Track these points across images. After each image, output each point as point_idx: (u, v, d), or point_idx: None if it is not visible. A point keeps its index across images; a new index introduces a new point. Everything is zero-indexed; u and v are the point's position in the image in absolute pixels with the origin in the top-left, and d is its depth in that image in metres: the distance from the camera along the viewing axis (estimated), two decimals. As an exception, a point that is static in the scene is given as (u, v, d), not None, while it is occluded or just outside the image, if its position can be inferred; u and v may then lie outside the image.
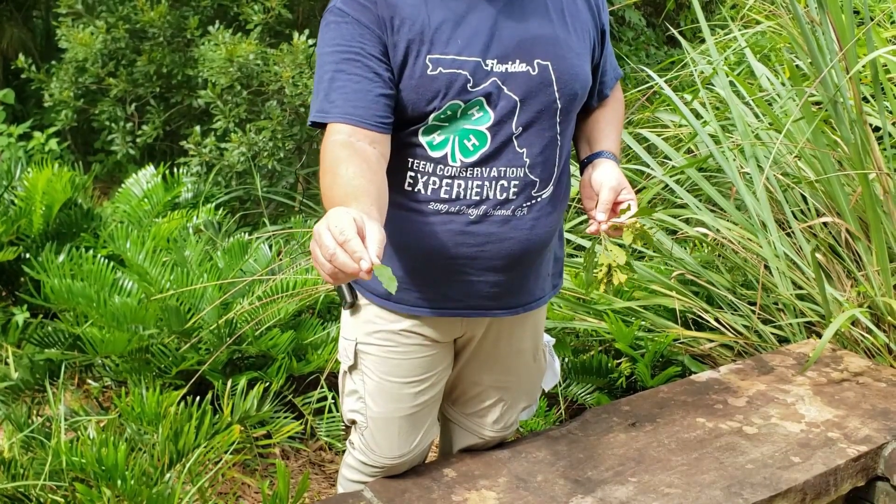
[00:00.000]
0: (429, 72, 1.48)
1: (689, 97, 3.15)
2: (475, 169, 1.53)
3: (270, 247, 3.28)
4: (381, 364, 1.71)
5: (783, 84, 3.15)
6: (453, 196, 1.54)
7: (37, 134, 4.41)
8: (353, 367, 1.75)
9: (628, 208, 1.60)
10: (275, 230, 3.60)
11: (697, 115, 3.16)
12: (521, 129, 1.54)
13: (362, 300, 1.70)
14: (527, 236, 1.60)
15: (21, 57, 4.14)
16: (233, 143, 3.60)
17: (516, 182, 1.56)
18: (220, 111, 3.67)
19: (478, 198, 1.55)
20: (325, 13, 1.54)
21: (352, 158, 1.38)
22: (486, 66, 1.49)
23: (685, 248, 3.21)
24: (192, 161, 3.72)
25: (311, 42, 3.63)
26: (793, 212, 2.98)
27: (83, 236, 3.27)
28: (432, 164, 1.54)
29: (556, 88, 1.54)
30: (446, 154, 1.53)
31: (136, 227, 3.33)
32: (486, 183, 1.54)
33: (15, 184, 3.50)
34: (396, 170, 1.55)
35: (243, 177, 3.77)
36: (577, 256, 3.27)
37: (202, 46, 3.70)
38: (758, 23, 3.30)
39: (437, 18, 1.49)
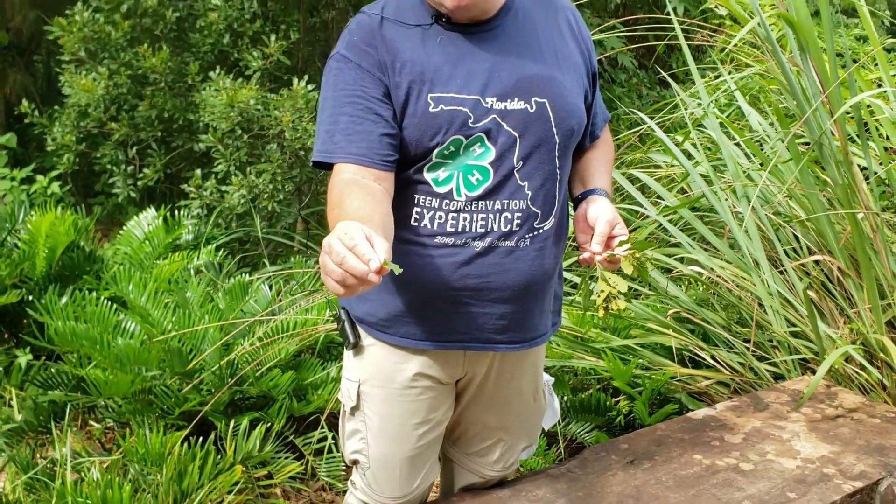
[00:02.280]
0: (430, 109, 1.54)
1: (680, 138, 3.22)
2: (480, 202, 1.59)
3: (270, 287, 3.32)
4: (383, 405, 1.74)
5: (772, 125, 3.23)
6: (459, 229, 1.60)
7: (39, 177, 4.46)
8: (355, 408, 1.78)
9: (627, 240, 1.65)
10: (275, 270, 3.64)
11: (689, 156, 3.23)
12: (521, 162, 1.60)
13: (365, 340, 1.73)
14: (530, 267, 1.65)
15: (24, 102, 4.20)
16: (233, 186, 3.66)
17: (519, 214, 1.61)
18: (221, 155, 3.74)
19: (483, 230, 1.60)
20: (329, 60, 1.61)
21: (357, 192, 1.44)
22: (486, 103, 1.56)
23: (680, 287, 3.26)
24: (192, 204, 3.77)
25: (310, 87, 3.71)
26: (785, 250, 3.04)
27: (86, 278, 3.31)
28: (438, 200, 1.59)
29: (553, 124, 1.61)
30: (451, 189, 1.58)
31: (138, 269, 3.37)
32: (491, 215, 1.60)
33: (18, 227, 3.55)
34: (402, 207, 1.60)
35: (243, 218, 3.83)
36: (572, 294, 3.31)
37: (203, 92, 3.77)
38: (747, 66, 3.39)
39: (436, 60, 1.56)
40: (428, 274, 1.62)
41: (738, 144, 3.18)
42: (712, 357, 2.96)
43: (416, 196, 1.60)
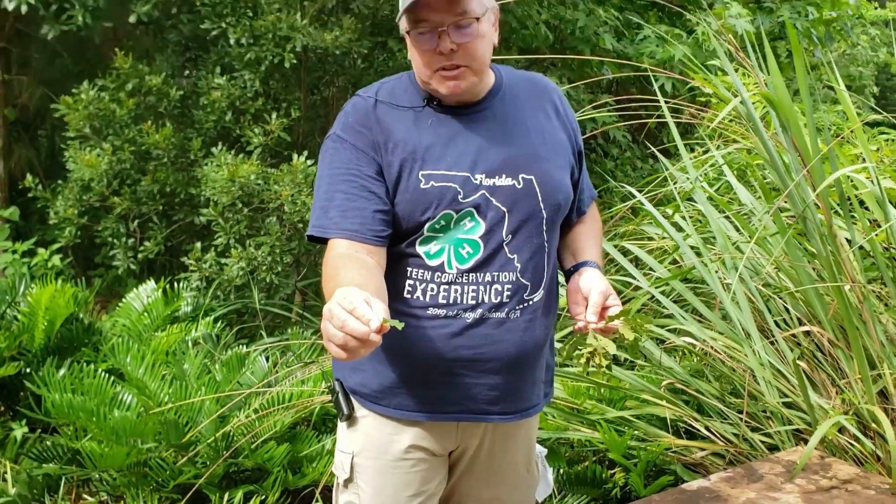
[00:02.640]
0: (422, 186, 1.62)
1: (670, 211, 3.29)
2: (470, 275, 1.64)
3: (267, 359, 3.35)
4: (377, 478, 1.75)
5: (759, 199, 3.30)
6: (451, 301, 1.64)
7: (41, 250, 4.52)
8: (348, 481, 1.79)
9: (622, 312, 1.68)
10: (272, 342, 3.67)
11: (680, 229, 3.30)
12: (510, 236, 1.66)
13: (359, 412, 1.76)
14: (521, 338, 1.68)
15: (28, 177, 4.29)
16: (233, 259, 3.72)
17: (509, 286, 1.66)
18: (222, 228, 3.81)
19: (474, 302, 1.65)
20: (326, 139, 1.69)
21: (351, 265, 1.51)
22: (475, 179, 1.63)
23: (674, 358, 3.28)
24: (192, 276, 3.82)
25: (309, 162, 3.80)
26: (776, 321, 3.08)
27: (84, 350, 3.33)
28: (430, 272, 1.64)
29: (540, 199, 1.67)
30: (443, 262, 1.64)
31: (137, 341, 3.40)
32: (481, 287, 1.65)
33: (18, 299, 3.58)
34: (396, 279, 1.66)
35: (242, 290, 3.87)
36: (567, 366, 3.34)
37: (205, 167, 3.86)
38: (734, 141, 3.49)
39: (428, 140, 1.64)
40: (421, 345, 1.66)
41: (727, 217, 3.25)
42: (706, 428, 2.97)
43: (409, 269, 1.65)
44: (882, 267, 2.74)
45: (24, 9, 3.99)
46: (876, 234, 2.64)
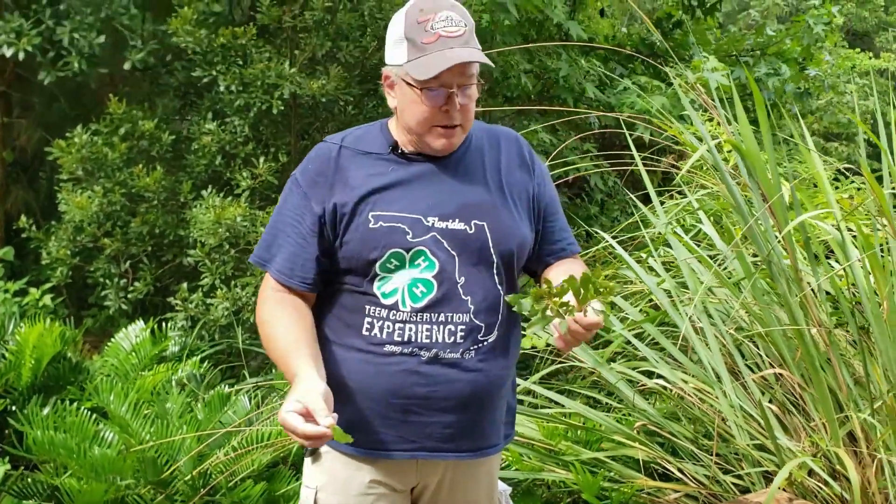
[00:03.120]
0: (370, 226, 1.73)
1: (645, 256, 3.37)
2: (424, 314, 1.72)
3: (250, 399, 3.40)
4: (339, 513, 1.81)
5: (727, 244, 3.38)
6: (405, 339, 1.72)
7: (32, 290, 4.59)
8: (313, 515, 1.85)
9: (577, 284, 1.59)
10: (256, 381, 3.72)
11: (657, 273, 3.37)
12: (463, 278, 1.74)
13: (322, 448, 1.82)
14: (475, 378, 1.75)
15: (23, 217, 4.39)
16: (218, 299, 3.79)
17: (462, 327, 1.74)
18: (208, 269, 3.88)
19: (428, 340, 1.72)
20: (292, 174, 1.83)
21: (284, 312, 1.73)
22: (427, 221, 1.73)
23: (651, 402, 3.33)
24: (178, 316, 3.89)
25: (295, 205, 3.88)
26: (748, 364, 3.13)
27: (70, 389, 3.39)
28: (386, 311, 1.73)
29: (491, 245, 1.76)
30: (397, 301, 1.73)
31: (122, 380, 3.45)
32: (435, 327, 1.72)
33: (7, 338, 3.65)
34: (356, 317, 1.75)
35: (227, 330, 3.93)
36: (546, 408, 3.38)
37: (195, 209, 3.96)
38: (704, 187, 3.59)
39: (384, 185, 1.75)
40: (380, 380, 1.73)
41: (699, 261, 3.32)
42: (679, 470, 3.01)
43: (367, 307, 1.74)
44: (845, 310, 2.80)
45: (21, 55, 4.12)
46: (838, 277, 2.71)
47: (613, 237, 3.54)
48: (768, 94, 5.23)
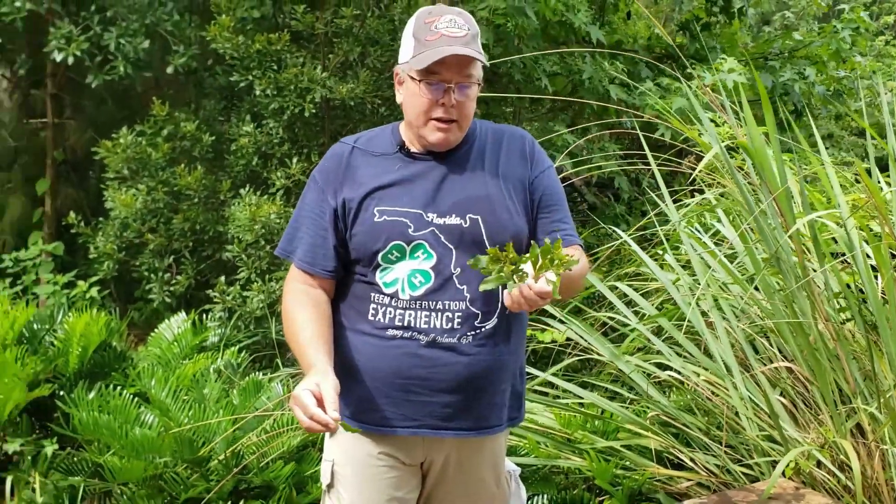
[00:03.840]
0: (375, 220, 1.88)
1: (661, 253, 3.48)
2: (422, 301, 1.88)
3: (283, 386, 3.57)
4: (353, 483, 1.96)
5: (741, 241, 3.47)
6: (405, 324, 1.88)
7: (80, 282, 4.84)
8: (330, 486, 2.00)
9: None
10: (289, 371, 3.90)
11: (673, 269, 3.47)
12: (459, 269, 1.88)
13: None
14: (471, 362, 1.89)
15: (72, 214, 4.63)
16: (254, 292, 3.99)
17: (459, 314, 1.88)
18: (244, 263, 4.08)
19: (426, 326, 1.87)
20: (310, 175, 2.01)
21: (306, 305, 1.89)
22: (427, 217, 1.88)
23: (665, 393, 3.43)
24: (216, 307, 4.09)
25: (327, 203, 4.07)
26: (760, 359, 3.22)
27: (114, 375, 3.60)
28: (388, 298, 1.89)
29: (485, 237, 1.89)
30: (397, 290, 1.89)
31: (164, 368, 3.65)
32: (433, 314, 1.87)
33: (56, 327, 3.88)
34: (362, 304, 1.92)
35: (262, 322, 4.13)
36: (565, 397, 3.50)
37: (233, 207, 4.16)
38: (720, 185, 3.67)
39: (389, 182, 1.91)
40: (383, 362, 1.89)
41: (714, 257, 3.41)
42: (691, 459, 3.11)
43: (372, 294, 1.91)
44: (852, 306, 2.88)
45: (70, 60, 4.36)
46: (843, 273, 2.79)
47: (635, 235, 3.65)
48: (796, 97, 5.27)
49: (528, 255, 1.67)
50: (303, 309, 1.88)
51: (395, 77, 1.95)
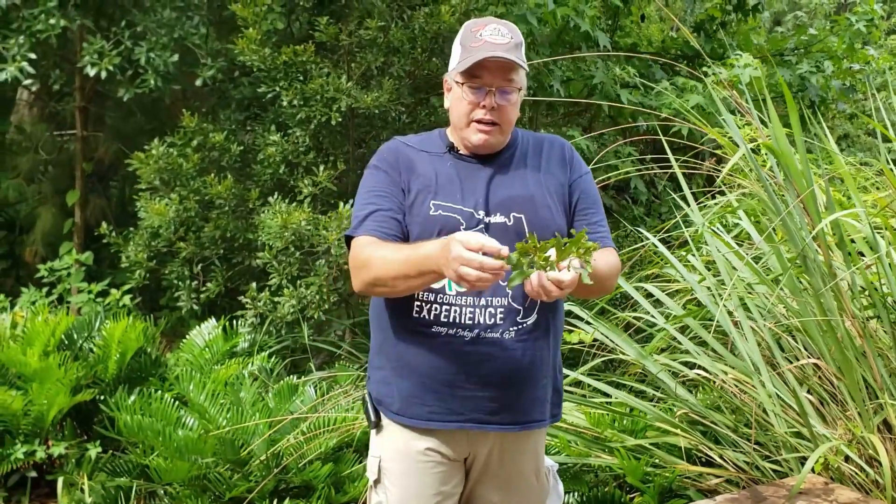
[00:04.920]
0: (431, 213, 1.96)
1: (685, 254, 3.54)
2: (467, 297, 1.95)
3: (316, 390, 3.66)
4: (400, 478, 2.03)
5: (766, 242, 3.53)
6: (450, 320, 1.95)
7: (113, 291, 4.94)
8: (377, 482, 2.08)
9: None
10: (320, 375, 3.99)
11: (696, 270, 3.54)
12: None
13: (384, 421, 2.05)
14: (515, 356, 1.96)
15: (104, 224, 4.73)
16: (285, 298, 4.07)
17: (501, 309, 1.96)
18: (275, 270, 4.17)
19: (470, 322, 1.94)
20: (367, 167, 2.08)
21: (382, 245, 1.90)
22: (478, 215, 1.97)
23: (693, 392, 3.49)
24: (247, 314, 4.18)
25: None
26: (787, 357, 3.28)
27: (151, 380, 3.69)
28: (434, 294, 1.96)
29: (527, 234, 1.95)
30: (444, 285, 1.95)
31: (199, 372, 3.75)
32: (477, 310, 1.95)
33: (94, 334, 3.97)
34: (407, 300, 1.97)
35: (293, 327, 4.21)
36: (594, 397, 3.57)
37: (262, 215, 4.24)
38: (741, 187, 3.74)
39: (443, 178, 2.00)
40: (430, 359, 1.96)
41: (738, 257, 3.47)
42: (721, 456, 3.17)
43: (418, 291, 1.96)
44: (878, 303, 2.93)
45: (103, 74, 4.47)
46: (865, 267, 2.85)
47: (658, 237, 3.71)
48: (814, 91, 5.31)
49: (549, 241, 1.68)
50: (385, 245, 1.89)
51: (444, 84, 2.05)
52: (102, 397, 3.55)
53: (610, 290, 2.20)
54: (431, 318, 1.96)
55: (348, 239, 2.00)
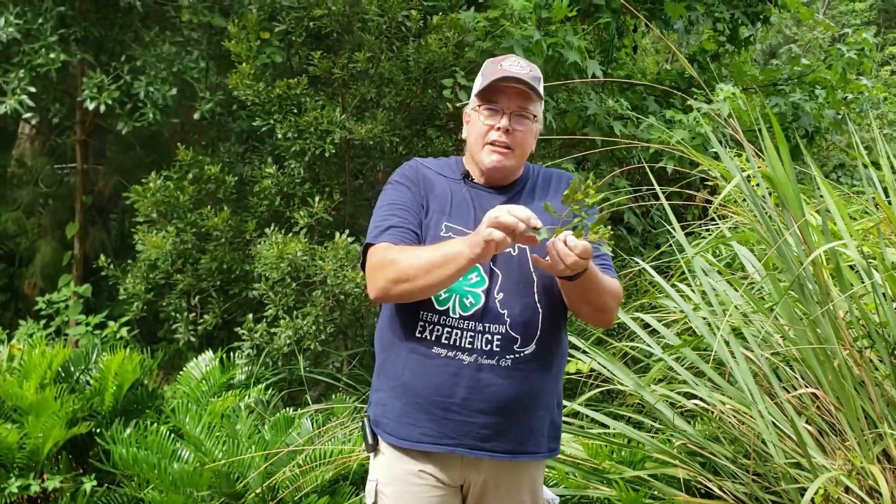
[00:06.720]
0: (441, 234, 2.01)
1: (679, 284, 3.55)
2: (469, 322, 1.97)
3: (312, 422, 3.64)
4: (396, 501, 2.03)
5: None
6: (451, 343, 1.97)
7: (110, 323, 4.94)
8: (373, 505, 2.07)
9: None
10: (317, 407, 3.97)
11: (690, 300, 3.54)
12: (501, 294, 1.99)
13: (381, 445, 2.06)
14: (510, 384, 1.97)
15: (102, 257, 4.74)
16: (281, 328, 4.07)
17: (499, 337, 1.97)
18: (272, 300, 4.17)
19: (469, 346, 1.97)
20: (387, 182, 2.14)
21: (406, 248, 1.95)
22: None
23: (691, 423, 3.48)
24: (244, 345, 4.17)
25: (350, 240, 4.18)
26: (784, 387, 3.27)
27: (148, 413, 3.67)
28: (437, 315, 1.99)
29: (531, 266, 2.00)
30: (449, 308, 1.98)
31: (195, 405, 3.73)
32: (477, 335, 1.97)
33: (91, 366, 3.96)
34: (410, 320, 2.00)
35: (289, 359, 4.20)
36: (591, 428, 3.55)
37: (259, 245, 4.26)
38: (734, 215, 3.76)
39: (459, 200, 2.06)
40: (426, 379, 1.98)
41: (732, 286, 3.48)
42: (719, 488, 3.15)
43: (421, 311, 2.00)
44: (872, 332, 2.93)
45: (102, 108, 4.51)
46: (862, 298, 2.85)
47: (653, 266, 3.72)
48: (808, 120, 5.36)
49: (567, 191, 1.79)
50: (405, 249, 1.93)
51: (464, 117, 2.13)
52: (98, 430, 3.53)
53: (610, 312, 2.13)
54: (433, 338, 1.98)
55: (366, 248, 2.04)
